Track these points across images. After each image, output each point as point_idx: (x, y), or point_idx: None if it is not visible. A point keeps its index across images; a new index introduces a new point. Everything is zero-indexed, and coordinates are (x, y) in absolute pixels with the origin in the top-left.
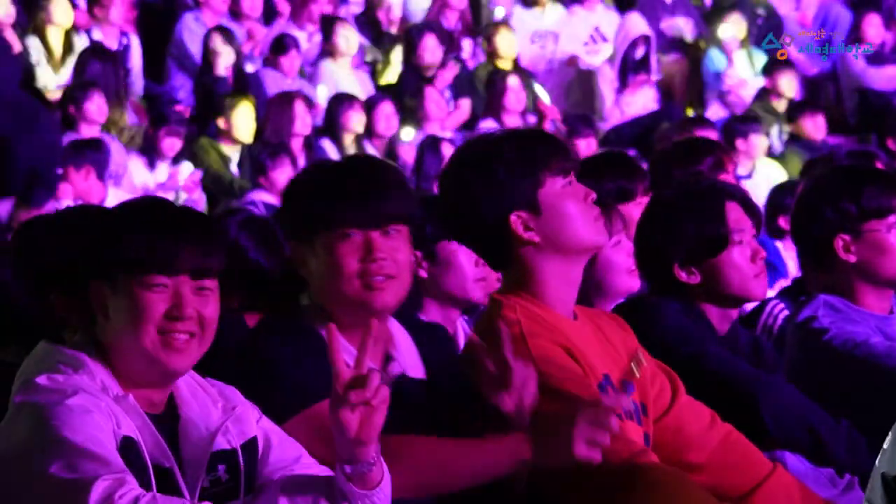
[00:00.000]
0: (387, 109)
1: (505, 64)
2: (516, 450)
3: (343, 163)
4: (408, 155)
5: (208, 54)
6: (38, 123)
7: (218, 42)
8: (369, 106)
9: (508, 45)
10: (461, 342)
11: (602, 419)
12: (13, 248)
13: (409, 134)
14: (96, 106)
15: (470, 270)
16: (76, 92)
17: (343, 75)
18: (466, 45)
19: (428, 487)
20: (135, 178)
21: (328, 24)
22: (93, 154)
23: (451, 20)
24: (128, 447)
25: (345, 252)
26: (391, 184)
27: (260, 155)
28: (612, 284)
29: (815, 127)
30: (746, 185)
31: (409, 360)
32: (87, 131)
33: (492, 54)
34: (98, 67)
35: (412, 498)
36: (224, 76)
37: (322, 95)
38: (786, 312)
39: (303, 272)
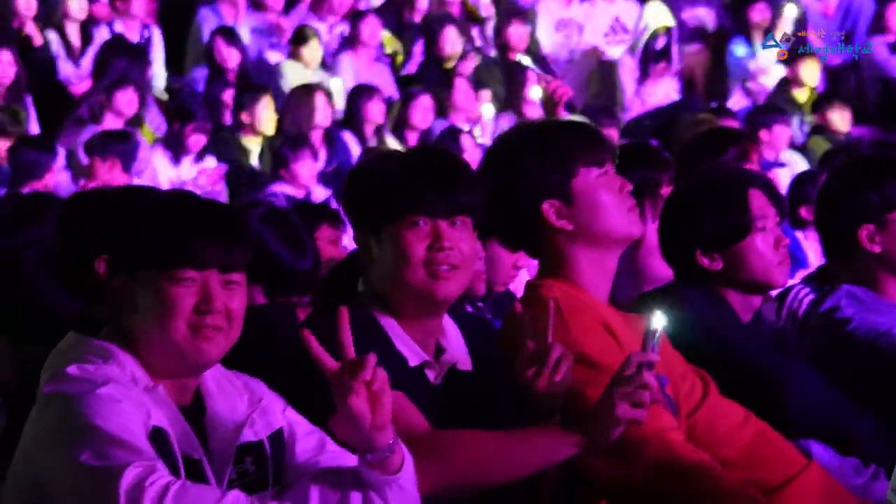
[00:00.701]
0: (425, 102)
1: (517, 56)
2: (563, 437)
3: (412, 153)
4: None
5: (213, 58)
6: None
7: (222, 45)
8: (407, 98)
9: (520, 38)
10: None
11: (636, 377)
12: (59, 221)
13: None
14: (128, 99)
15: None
16: (109, 84)
17: (363, 67)
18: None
19: (476, 481)
20: (159, 173)
21: (355, 17)
22: (120, 146)
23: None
24: (158, 437)
25: (412, 240)
26: (460, 175)
27: (281, 147)
28: (655, 268)
29: (841, 119)
30: (779, 172)
31: (459, 352)
32: (112, 124)
33: (503, 46)
34: (124, 64)
35: (462, 493)
36: (230, 80)
37: (337, 87)
38: (811, 297)
39: (364, 260)
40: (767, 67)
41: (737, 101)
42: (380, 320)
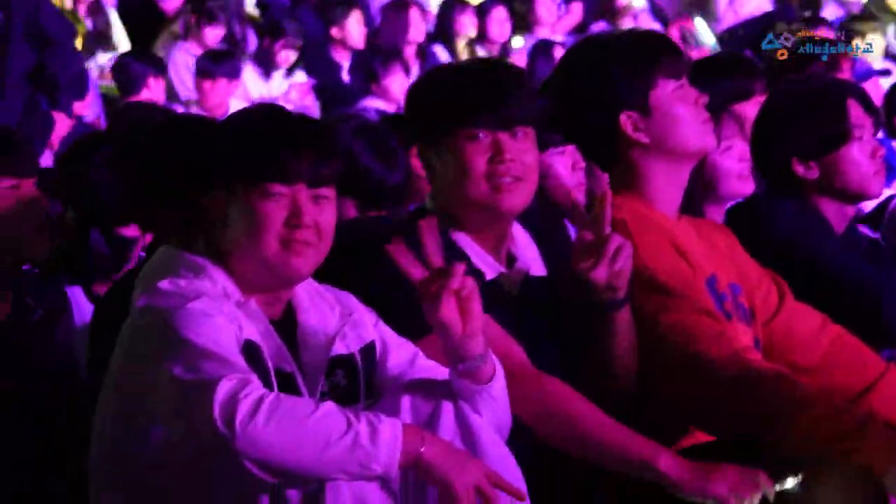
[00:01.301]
0: (500, 15)
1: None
2: (650, 455)
3: (471, 65)
4: (520, 60)
5: None
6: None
7: None
8: (482, 11)
9: None
10: None
11: (752, 482)
12: (123, 150)
13: (518, 42)
14: (215, 34)
15: (568, 177)
16: (200, 12)
17: None
18: None
19: (560, 440)
20: (250, 89)
21: None
22: (229, 65)
23: None
24: (250, 351)
25: (473, 153)
26: (520, 86)
27: (372, 62)
28: (723, 189)
29: None
30: (882, 82)
31: (531, 258)
32: (196, 51)
33: None
34: None
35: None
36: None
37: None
38: None
39: (427, 175)
40: None
41: (831, 11)
42: (452, 236)
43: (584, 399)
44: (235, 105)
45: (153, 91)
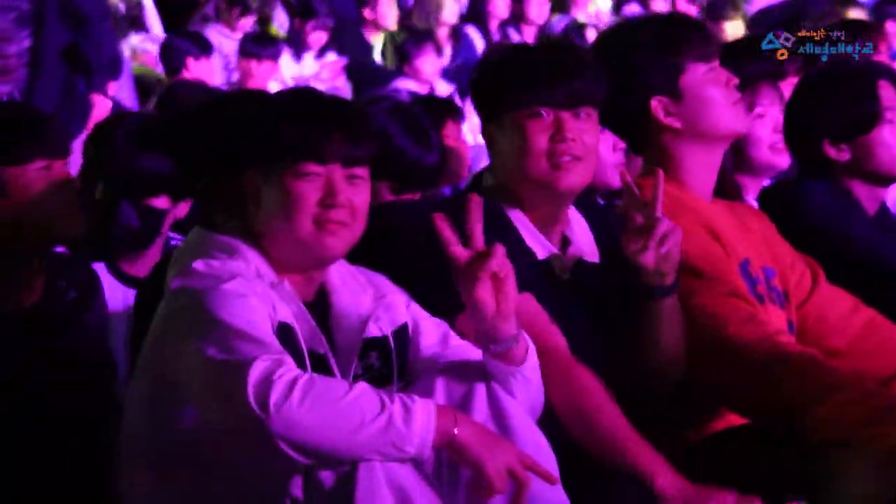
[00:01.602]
0: None
1: None
2: (651, 471)
3: (537, 44)
4: None
5: None
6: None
7: None
8: None
9: None
10: None
11: None
12: (165, 128)
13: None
14: (245, 23)
15: (609, 157)
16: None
17: None
18: None
19: (578, 435)
20: (282, 69)
21: None
22: (274, 48)
23: None
24: (284, 333)
25: (534, 130)
26: (584, 66)
27: (405, 43)
28: (754, 159)
29: None
30: None
31: (585, 244)
32: (229, 34)
33: None
34: None
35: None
36: None
37: None
38: None
39: (489, 151)
40: None
41: None
42: (508, 213)
43: (608, 396)
44: (272, 87)
45: (192, 71)
